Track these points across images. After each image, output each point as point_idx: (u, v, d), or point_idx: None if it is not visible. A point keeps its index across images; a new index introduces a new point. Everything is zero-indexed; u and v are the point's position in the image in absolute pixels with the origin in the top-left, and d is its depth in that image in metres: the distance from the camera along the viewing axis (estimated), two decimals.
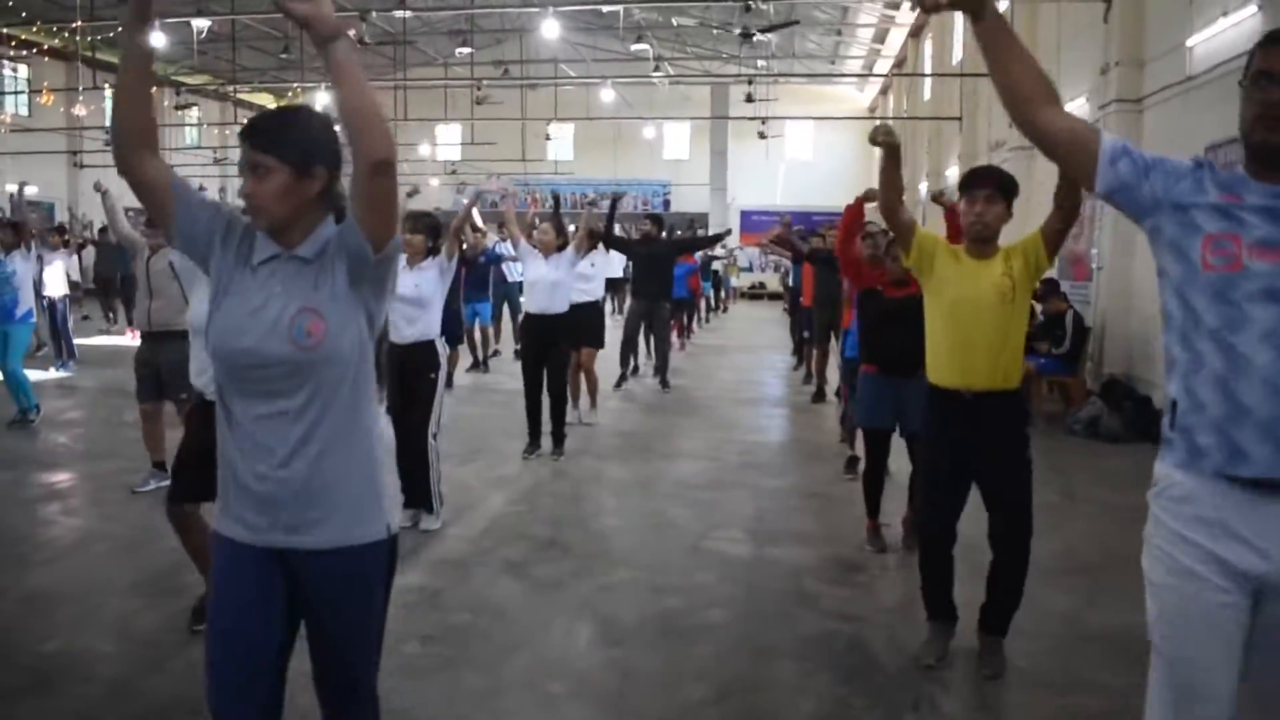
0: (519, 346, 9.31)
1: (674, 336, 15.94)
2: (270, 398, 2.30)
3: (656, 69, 28.17)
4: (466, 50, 27.41)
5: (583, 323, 9.35)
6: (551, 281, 8.07)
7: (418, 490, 6.17)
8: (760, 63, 34.08)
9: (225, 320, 2.32)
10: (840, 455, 8.08)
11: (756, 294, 34.41)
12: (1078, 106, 12.76)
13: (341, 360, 2.31)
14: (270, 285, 2.31)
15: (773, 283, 33.16)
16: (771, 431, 9.85)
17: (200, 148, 30.79)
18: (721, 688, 4.01)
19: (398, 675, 3.87)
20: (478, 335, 13.43)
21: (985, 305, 4.05)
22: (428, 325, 6.11)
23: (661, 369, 12.01)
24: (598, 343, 9.67)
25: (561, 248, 8.17)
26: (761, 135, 24.16)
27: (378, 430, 2.46)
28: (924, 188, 24.37)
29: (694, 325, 19.25)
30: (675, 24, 30.99)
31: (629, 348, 11.98)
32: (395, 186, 2.22)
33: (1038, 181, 14.17)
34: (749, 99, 20.81)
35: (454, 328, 11.97)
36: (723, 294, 26.71)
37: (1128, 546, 2.91)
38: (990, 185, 4.08)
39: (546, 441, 8.25)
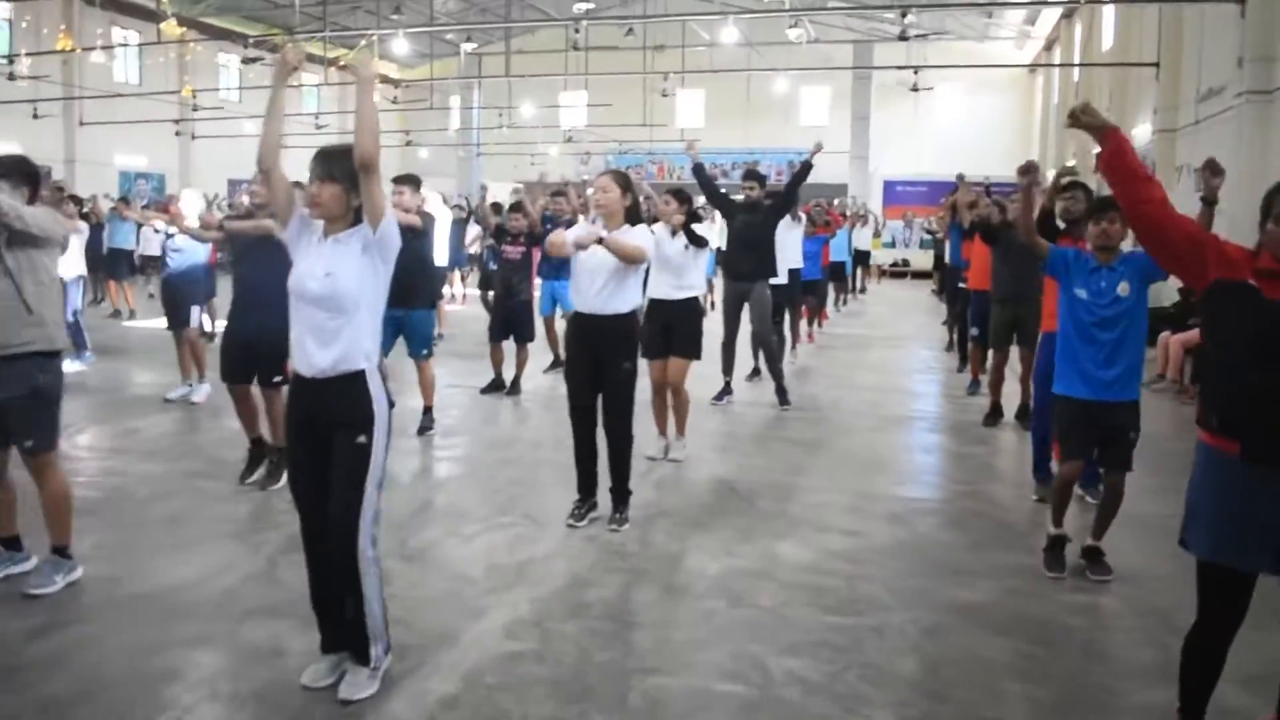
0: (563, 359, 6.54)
1: (803, 326, 13.06)
2: None
3: (794, 25, 25.08)
4: (585, 5, 24.87)
5: (672, 325, 6.72)
6: (610, 269, 5.34)
7: (346, 629, 3.56)
8: (909, 17, 30.57)
9: None
10: (1039, 527, 5.19)
11: (899, 272, 30.96)
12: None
13: None
14: None
15: (919, 259, 29.69)
16: (933, 478, 6.94)
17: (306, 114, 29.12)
18: None
19: None
20: (558, 324, 10.74)
21: None
22: (350, 344, 3.46)
23: (775, 378, 9.16)
24: (692, 352, 6.87)
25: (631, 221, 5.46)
26: (914, 88, 20.86)
27: None
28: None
29: (826, 310, 16.23)
30: None
31: (731, 350, 9.17)
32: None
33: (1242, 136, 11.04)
34: (903, 36, 17.58)
35: (524, 322, 9.41)
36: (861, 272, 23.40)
37: None
38: None
39: (607, 498, 5.58)
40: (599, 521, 5.49)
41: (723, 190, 9.25)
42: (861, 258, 22.57)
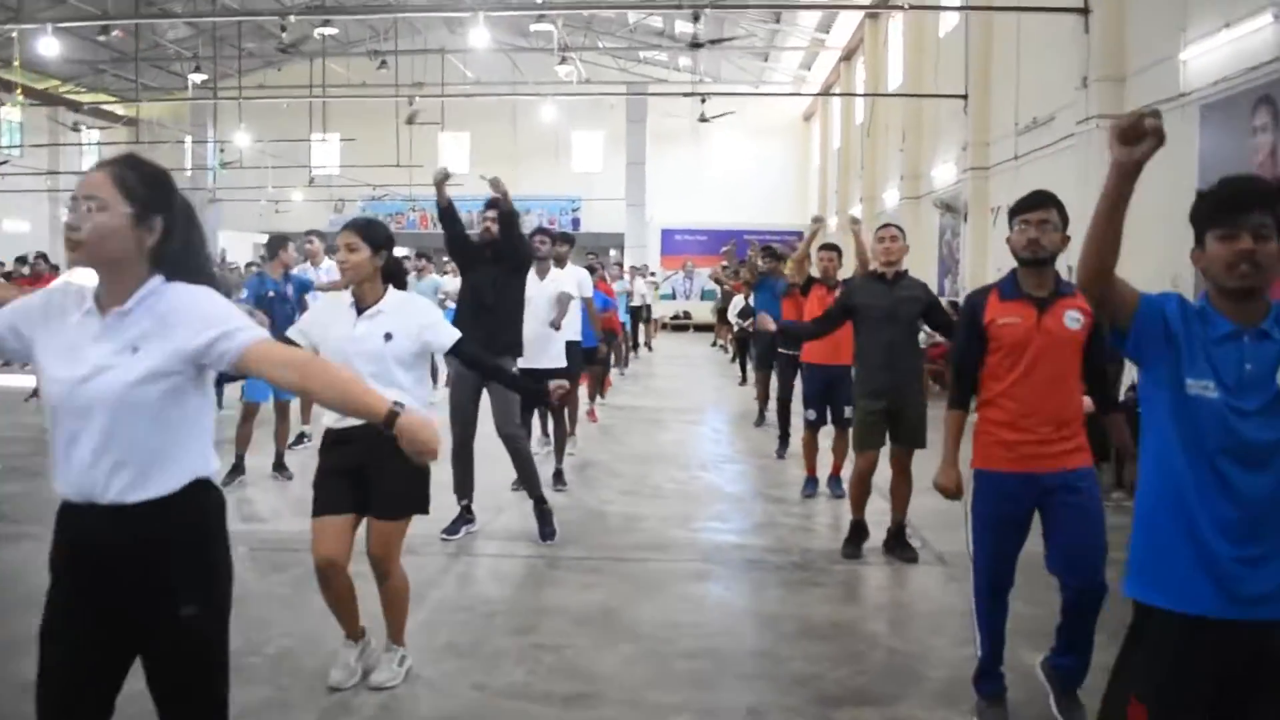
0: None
1: (582, 403, 10.25)
2: None
3: (563, 61, 22.60)
4: (328, 31, 21.67)
5: (366, 464, 3.75)
6: (148, 405, 2.18)
7: None
8: (683, 60, 28.72)
9: None
10: None
11: (680, 325, 28.85)
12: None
13: None
14: None
15: (701, 312, 27.62)
16: (808, 693, 4.09)
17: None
18: None
19: None
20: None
21: None
22: None
23: (531, 490, 6.17)
24: (409, 504, 3.84)
25: None
26: (703, 118, 18.74)
27: None
28: (891, 196, 19.11)
29: (609, 377, 13.52)
30: (588, 15, 25.40)
31: (467, 459, 6.13)
32: None
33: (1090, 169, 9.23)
34: (695, 44, 15.29)
35: None
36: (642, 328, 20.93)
37: None
38: None
39: None
40: None
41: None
42: (640, 312, 20.08)
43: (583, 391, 9.75)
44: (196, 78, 25.90)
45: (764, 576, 5.43)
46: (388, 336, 3.77)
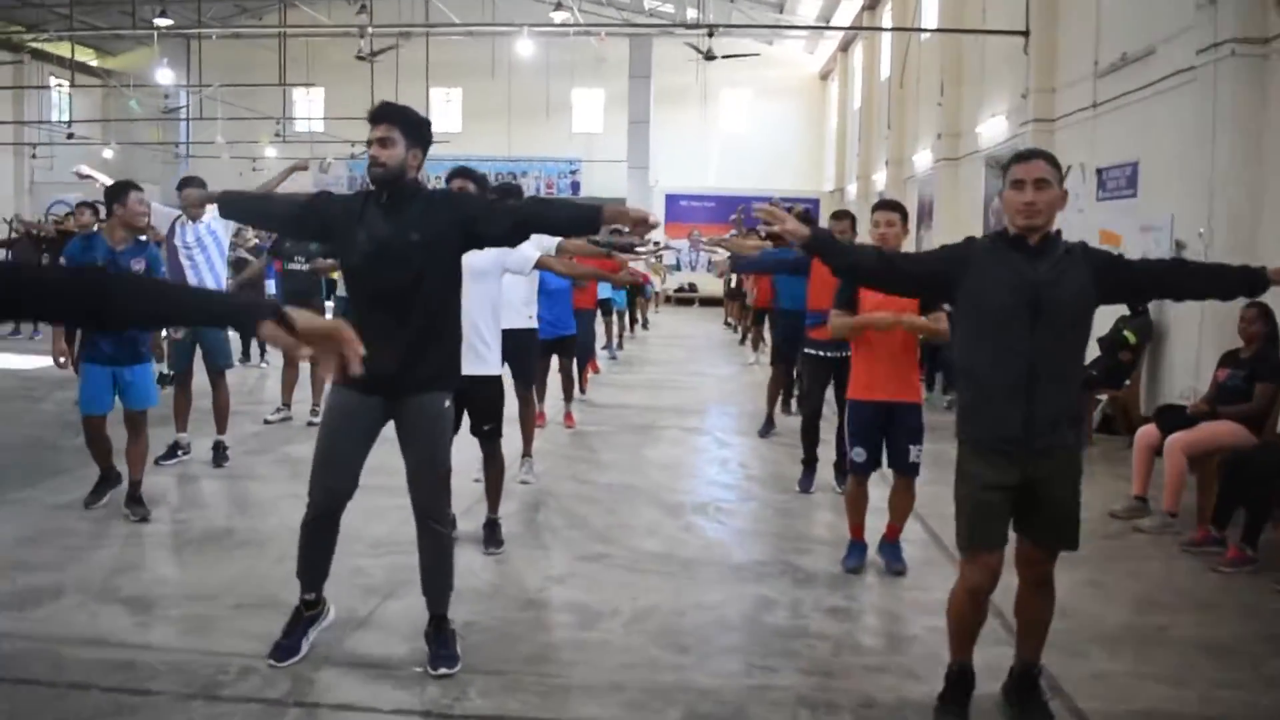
0: None
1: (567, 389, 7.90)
2: None
3: (559, 7, 20.05)
4: None
5: None
6: None
7: None
8: (690, 12, 26.07)
9: None
10: None
11: (685, 298, 26.36)
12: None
13: None
14: None
15: (708, 284, 25.14)
16: None
17: None
18: None
19: None
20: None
21: None
22: None
23: (435, 610, 3.72)
24: None
25: None
26: (709, 55, 16.23)
27: None
28: (923, 158, 16.57)
29: (595, 360, 11.20)
30: None
31: (322, 538, 3.70)
32: None
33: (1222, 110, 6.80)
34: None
35: None
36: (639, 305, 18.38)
37: None
38: None
39: None
40: None
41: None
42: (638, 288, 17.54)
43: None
44: (162, 22, 23.41)
45: None
46: None
